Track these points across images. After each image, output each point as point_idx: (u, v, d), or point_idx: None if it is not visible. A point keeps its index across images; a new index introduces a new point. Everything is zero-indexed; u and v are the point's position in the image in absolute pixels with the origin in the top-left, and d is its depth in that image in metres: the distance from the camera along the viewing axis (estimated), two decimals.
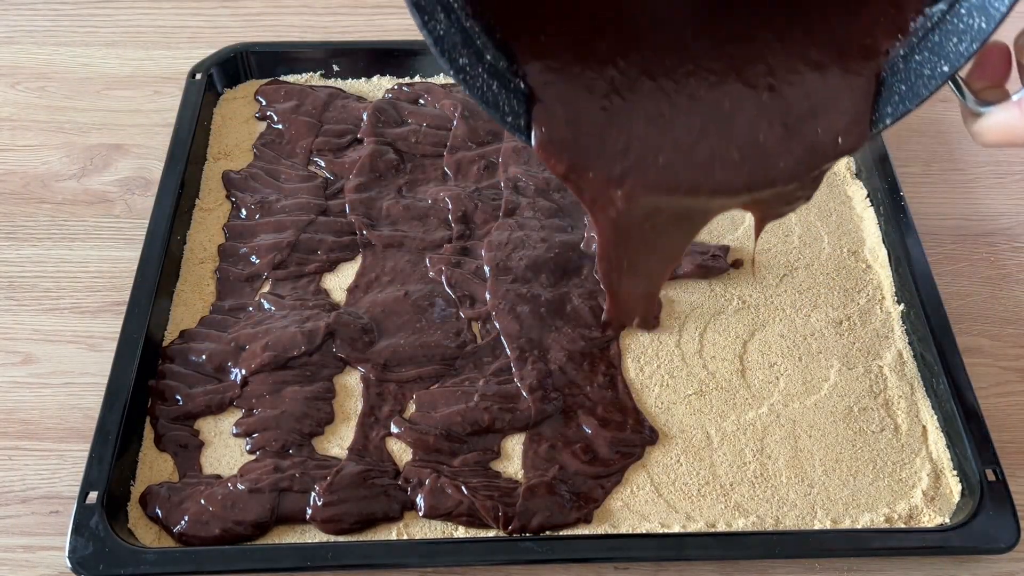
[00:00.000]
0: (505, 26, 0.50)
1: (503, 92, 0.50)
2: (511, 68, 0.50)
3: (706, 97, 0.52)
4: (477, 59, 0.50)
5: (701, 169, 0.52)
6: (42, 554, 0.61)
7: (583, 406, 0.67)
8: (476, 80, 0.50)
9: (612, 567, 0.61)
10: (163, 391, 0.67)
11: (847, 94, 0.52)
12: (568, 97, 0.51)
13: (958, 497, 0.63)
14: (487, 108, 0.50)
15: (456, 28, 0.48)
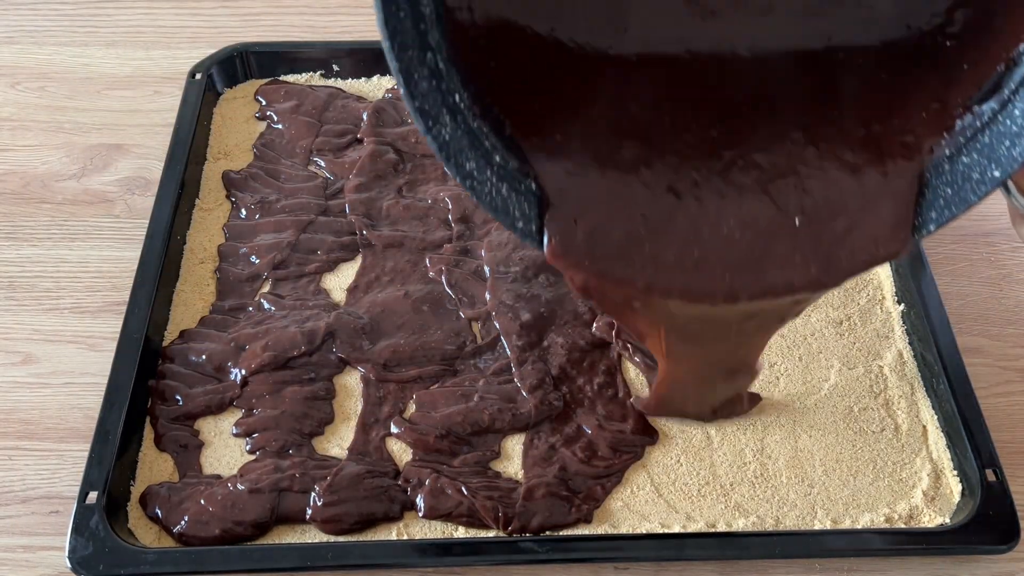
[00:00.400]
0: (516, 125, 0.47)
1: (512, 195, 0.48)
2: (521, 169, 0.48)
3: (733, 200, 0.48)
4: (485, 162, 0.47)
5: (728, 278, 0.48)
6: (42, 554, 0.61)
7: (583, 406, 0.67)
8: (484, 185, 0.47)
9: (612, 567, 0.61)
10: (163, 391, 0.67)
11: (887, 197, 0.48)
12: (583, 201, 0.48)
13: (958, 497, 0.63)
14: (496, 215, 0.48)
15: (463, 130, 0.46)
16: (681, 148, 0.49)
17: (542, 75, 0.48)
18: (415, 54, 0.44)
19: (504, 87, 0.47)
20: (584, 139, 0.48)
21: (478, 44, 0.46)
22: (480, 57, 0.46)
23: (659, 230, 0.48)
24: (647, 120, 0.49)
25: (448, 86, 0.45)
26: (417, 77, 0.44)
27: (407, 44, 0.43)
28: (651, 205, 0.48)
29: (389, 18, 0.42)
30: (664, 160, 0.49)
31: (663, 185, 0.48)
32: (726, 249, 0.48)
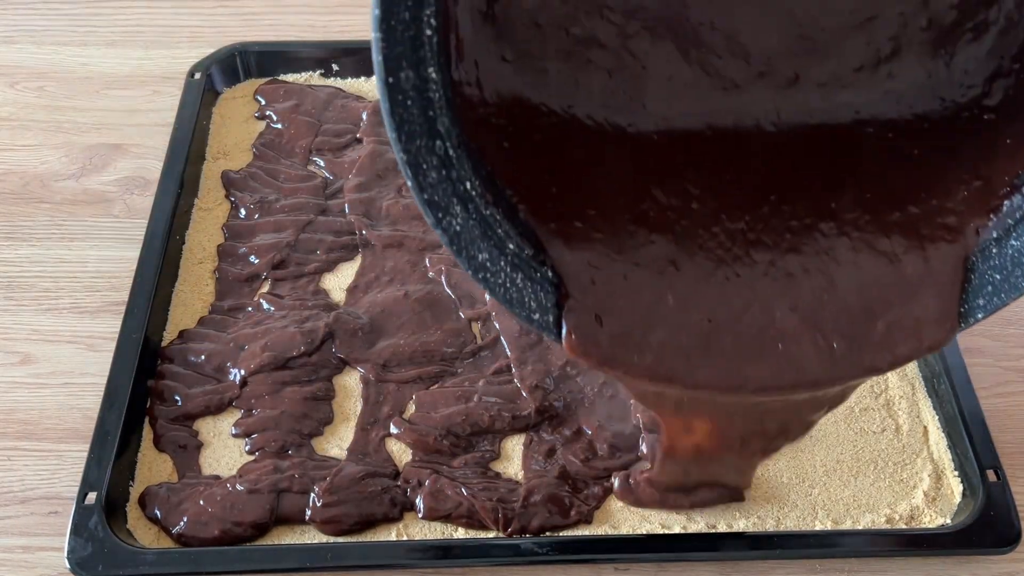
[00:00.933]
0: (531, 209, 0.45)
1: (528, 285, 0.45)
2: (536, 256, 0.45)
3: (762, 289, 0.46)
4: (499, 251, 0.45)
5: (757, 370, 0.46)
6: (41, 555, 0.61)
7: (583, 406, 0.67)
8: (498, 277, 0.45)
9: (612, 567, 0.61)
10: (162, 391, 0.67)
11: (928, 285, 0.45)
12: (602, 290, 0.45)
13: (959, 498, 0.62)
14: (511, 308, 0.45)
15: (475, 219, 0.43)
16: (704, 233, 0.46)
17: (557, 156, 0.45)
18: (423, 143, 0.41)
19: (518, 170, 0.45)
20: (603, 224, 0.46)
21: (490, 125, 0.44)
22: (492, 139, 0.44)
23: (683, 324, 0.46)
24: (669, 204, 0.46)
25: (458, 174, 0.43)
26: (426, 167, 0.42)
27: (415, 133, 0.41)
28: (674, 297, 0.46)
29: (395, 107, 0.40)
30: (687, 247, 0.46)
31: (686, 275, 0.46)
32: (755, 342, 0.46)
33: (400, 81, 0.40)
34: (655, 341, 0.45)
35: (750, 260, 0.46)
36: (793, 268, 0.46)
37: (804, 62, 0.46)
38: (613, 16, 0.44)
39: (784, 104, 0.46)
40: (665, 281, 0.45)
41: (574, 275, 0.45)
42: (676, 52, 0.45)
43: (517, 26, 0.43)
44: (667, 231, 0.46)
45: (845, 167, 0.47)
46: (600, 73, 0.45)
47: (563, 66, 0.45)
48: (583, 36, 0.44)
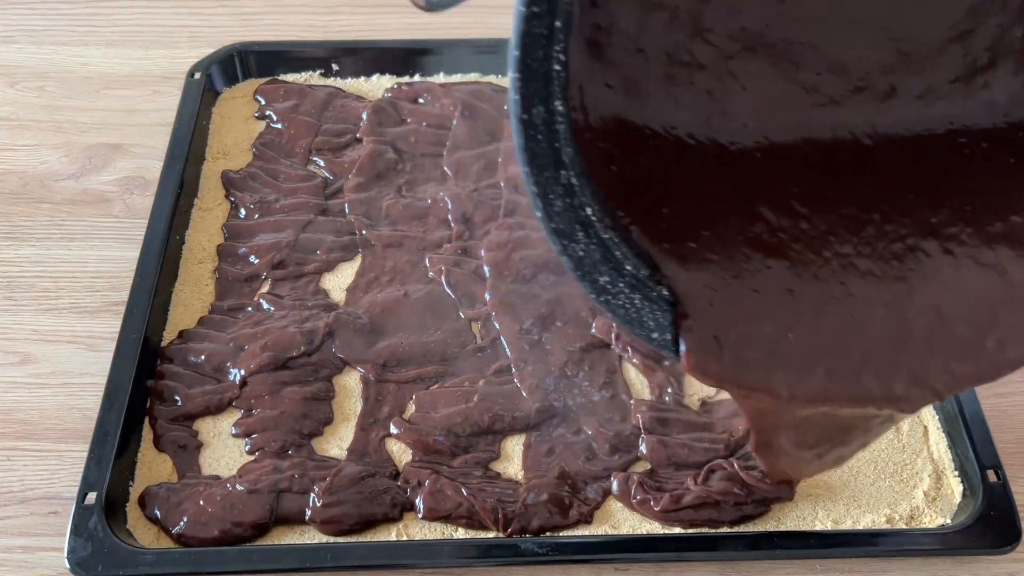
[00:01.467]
0: (645, 231, 0.47)
1: (646, 305, 0.47)
2: (652, 276, 0.47)
3: (872, 308, 0.47)
4: (617, 273, 0.47)
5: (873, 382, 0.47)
6: (41, 555, 0.61)
7: (583, 406, 0.67)
8: (618, 299, 0.47)
9: (612, 567, 0.61)
10: (162, 391, 0.67)
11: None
12: (718, 308, 0.47)
13: (959, 497, 0.62)
14: (631, 328, 0.48)
15: (595, 243, 0.46)
16: (814, 254, 0.47)
17: (663, 177, 0.47)
18: (551, 174, 0.44)
19: (627, 192, 0.46)
20: (715, 245, 0.47)
21: (598, 149, 0.45)
22: (601, 163, 0.46)
23: (798, 342, 0.47)
24: (778, 225, 0.48)
25: (580, 200, 0.45)
26: (552, 197, 0.44)
27: (544, 165, 0.44)
28: (788, 317, 0.47)
29: (528, 142, 0.43)
30: (799, 269, 0.47)
31: (799, 295, 0.47)
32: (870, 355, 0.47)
33: (532, 117, 0.43)
34: (772, 360, 0.47)
35: (859, 279, 0.47)
36: (901, 288, 0.47)
37: (901, 76, 0.47)
38: (714, 39, 0.46)
39: (880, 118, 0.48)
40: (779, 302, 0.47)
41: (690, 295, 0.47)
42: (775, 71, 0.47)
43: (621, 53, 0.45)
44: (778, 253, 0.47)
45: (942, 180, 0.48)
46: (701, 95, 0.47)
47: (665, 89, 0.46)
48: (685, 59, 0.46)
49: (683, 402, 0.67)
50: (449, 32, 0.97)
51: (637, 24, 0.45)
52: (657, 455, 0.64)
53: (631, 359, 0.69)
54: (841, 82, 0.47)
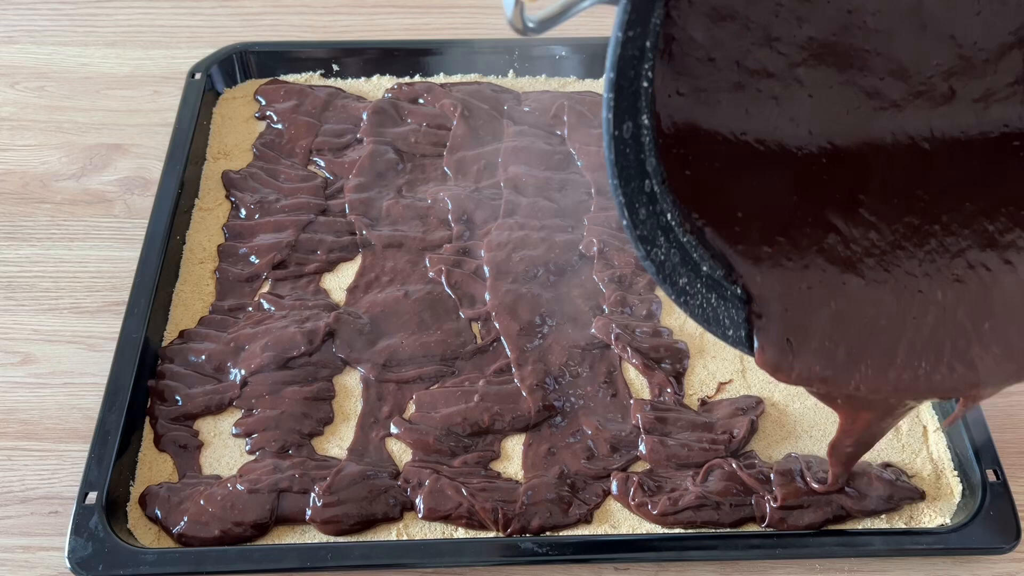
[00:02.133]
0: (721, 233, 0.50)
1: (721, 304, 0.51)
2: (727, 276, 0.51)
3: (935, 313, 0.50)
4: (695, 275, 0.51)
5: (935, 373, 0.50)
6: (41, 554, 0.61)
7: (583, 406, 0.67)
8: (695, 298, 0.51)
9: (612, 567, 0.61)
10: (162, 391, 0.67)
11: None
12: (789, 303, 0.50)
13: (959, 497, 0.63)
14: (708, 326, 0.51)
15: (675, 247, 0.50)
16: (883, 260, 0.51)
17: (735, 180, 0.50)
18: (636, 184, 0.48)
19: (701, 195, 0.50)
20: (784, 244, 0.50)
21: (672, 155, 0.49)
22: (676, 168, 0.49)
23: (870, 342, 0.50)
24: (847, 231, 0.51)
25: (661, 207, 0.49)
26: (637, 205, 0.48)
27: (631, 176, 0.47)
28: (859, 319, 0.50)
29: (619, 157, 0.46)
30: (870, 274, 0.50)
31: (870, 299, 0.50)
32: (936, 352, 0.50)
33: (623, 132, 0.46)
34: (843, 357, 0.50)
35: (926, 287, 0.50)
36: (959, 293, 0.50)
37: (961, 79, 0.50)
38: (782, 47, 0.49)
39: (939, 122, 0.50)
40: (850, 305, 0.50)
41: (763, 294, 0.50)
42: (839, 77, 0.50)
43: (692, 62, 0.48)
44: (847, 257, 0.50)
45: (998, 185, 0.51)
46: (768, 101, 0.49)
47: (734, 96, 0.49)
48: (753, 67, 0.49)
49: (683, 402, 0.67)
50: (449, 32, 0.97)
51: (708, 34, 0.48)
52: (656, 455, 0.64)
53: (631, 359, 0.69)
54: (903, 86, 0.50)
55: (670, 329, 0.71)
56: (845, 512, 0.61)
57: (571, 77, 0.90)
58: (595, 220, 0.77)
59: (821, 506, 0.61)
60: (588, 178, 0.81)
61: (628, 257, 0.75)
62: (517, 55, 0.90)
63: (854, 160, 0.50)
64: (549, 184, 0.80)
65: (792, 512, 0.61)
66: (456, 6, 1.00)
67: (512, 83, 0.90)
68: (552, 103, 0.86)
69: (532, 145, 0.83)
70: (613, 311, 0.72)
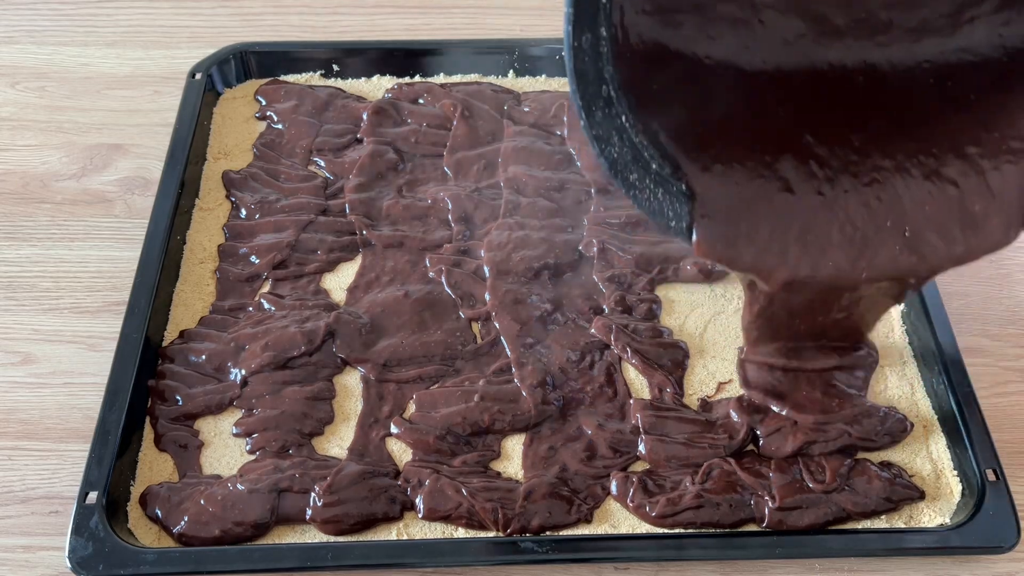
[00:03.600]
0: (670, 136, 0.56)
1: (667, 198, 0.57)
2: (674, 173, 0.57)
3: (865, 190, 0.57)
4: (645, 172, 0.57)
5: (856, 260, 0.57)
6: (42, 554, 0.61)
7: (583, 406, 0.67)
8: (644, 192, 0.57)
9: (612, 567, 0.61)
10: (163, 391, 0.67)
11: (1002, 188, 0.56)
12: (728, 193, 0.57)
13: (958, 497, 0.63)
14: (653, 217, 0.58)
15: (628, 147, 0.56)
16: (813, 153, 0.57)
17: (691, 93, 0.56)
18: (594, 89, 0.54)
19: (660, 105, 0.56)
20: (728, 150, 0.57)
21: (639, 70, 0.55)
22: (642, 81, 0.55)
23: (797, 232, 0.57)
24: (783, 131, 0.57)
25: (617, 111, 0.55)
26: (594, 108, 0.54)
27: (589, 82, 0.54)
28: (786, 212, 0.57)
29: (576, 64, 0.53)
30: (797, 165, 0.57)
31: (800, 196, 0.57)
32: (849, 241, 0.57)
33: (582, 43, 0.53)
34: (769, 245, 0.57)
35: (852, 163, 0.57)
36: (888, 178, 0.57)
37: (898, 10, 0.55)
38: None
39: (875, 52, 0.56)
40: (783, 203, 0.57)
41: (704, 191, 0.57)
42: (791, 4, 0.55)
43: None
44: (778, 151, 0.57)
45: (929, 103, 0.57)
46: (724, 24, 0.55)
47: (694, 18, 0.55)
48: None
49: (683, 402, 0.67)
50: (449, 32, 0.97)
51: None
52: (656, 455, 0.64)
53: (631, 359, 0.69)
54: (845, 13, 0.55)
55: (670, 329, 0.71)
56: (845, 512, 0.61)
57: None
58: (595, 220, 0.77)
59: (821, 506, 0.61)
60: (588, 178, 0.81)
61: (628, 257, 0.75)
62: (517, 55, 0.90)
63: (799, 84, 0.56)
64: (549, 184, 0.80)
65: (791, 512, 0.61)
66: (456, 6, 1.00)
67: (512, 83, 0.90)
68: (552, 103, 0.86)
69: (532, 145, 0.83)
70: (613, 311, 0.72)
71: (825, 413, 0.64)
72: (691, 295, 0.74)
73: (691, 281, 0.74)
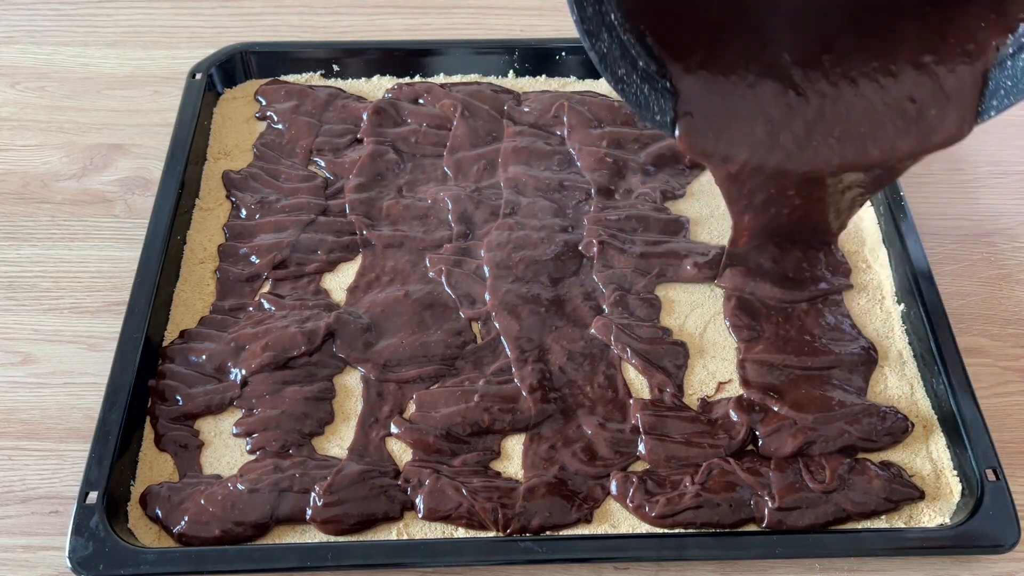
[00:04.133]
0: (656, 35, 0.60)
1: (652, 94, 0.61)
2: (659, 71, 0.60)
3: (830, 91, 0.62)
4: (632, 68, 0.60)
5: (826, 153, 0.62)
6: (42, 554, 0.61)
7: (583, 406, 0.67)
8: (631, 87, 0.60)
9: (612, 567, 0.61)
10: (163, 391, 0.67)
11: (957, 88, 0.61)
12: (708, 92, 0.61)
13: (958, 497, 0.63)
14: (639, 110, 0.61)
15: (616, 43, 0.59)
16: (783, 48, 0.62)
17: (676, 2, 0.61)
18: None
19: (647, 5, 0.59)
20: (710, 50, 0.61)
21: None
22: None
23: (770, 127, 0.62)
24: (760, 38, 0.62)
25: (606, 7, 0.58)
26: (585, 5, 0.57)
27: None
28: (759, 106, 0.62)
29: None
30: (770, 64, 0.62)
31: (771, 85, 0.62)
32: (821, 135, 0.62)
33: None
34: (745, 137, 0.62)
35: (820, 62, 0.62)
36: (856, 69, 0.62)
37: None
38: None
39: None
40: (755, 100, 0.62)
41: (687, 89, 0.61)
42: None
43: None
44: (756, 44, 0.62)
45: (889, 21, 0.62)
46: None
47: None
48: None
49: (683, 402, 0.67)
50: (449, 32, 0.97)
51: None
52: (656, 455, 0.64)
53: (631, 359, 0.69)
54: None
55: (670, 329, 0.71)
56: (845, 512, 0.61)
57: (571, 77, 0.90)
58: (595, 220, 0.77)
59: (821, 506, 0.61)
60: (588, 178, 0.81)
61: (628, 257, 0.75)
62: (517, 55, 0.90)
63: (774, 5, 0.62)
64: (549, 184, 0.80)
65: (791, 513, 0.61)
66: (456, 6, 1.00)
67: (512, 83, 0.90)
68: (552, 103, 0.86)
69: (532, 145, 0.83)
70: (613, 311, 0.72)
71: (825, 412, 0.65)
72: (691, 295, 0.74)
73: (691, 281, 0.74)
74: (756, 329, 0.70)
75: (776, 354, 0.68)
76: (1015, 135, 0.88)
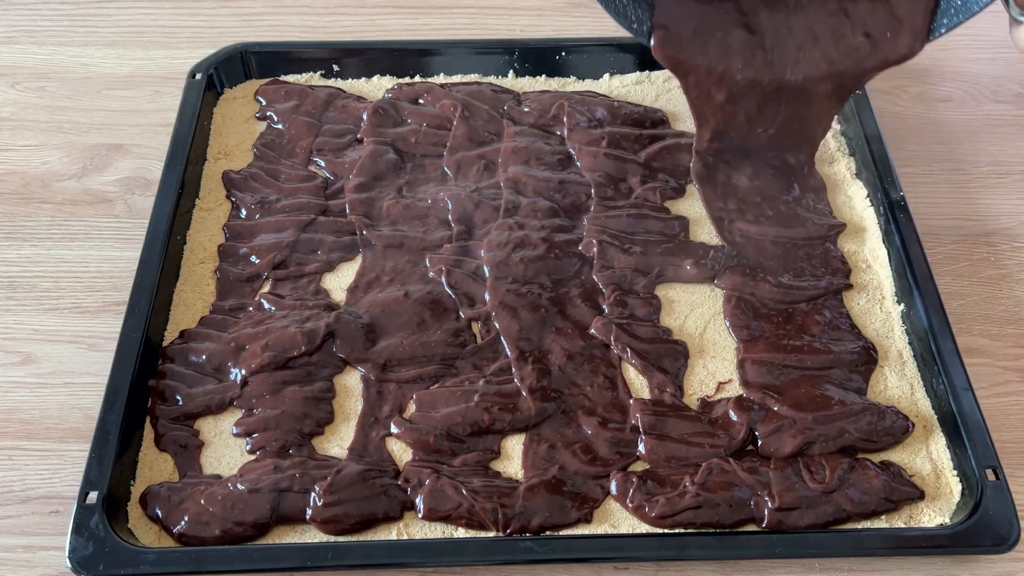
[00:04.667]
0: None
1: (631, 4, 0.68)
2: None
3: (796, 5, 0.69)
4: None
5: (790, 63, 0.70)
6: (42, 554, 0.61)
7: (583, 406, 0.67)
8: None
9: (612, 567, 0.61)
10: (163, 391, 0.67)
11: (909, 7, 0.68)
12: (680, 9, 0.68)
13: (958, 497, 0.63)
14: (618, 19, 0.68)
15: None
16: None
17: None
18: None
19: None
20: None
21: None
22: None
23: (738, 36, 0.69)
24: None
25: None
26: None
27: None
28: (726, 20, 0.69)
29: None
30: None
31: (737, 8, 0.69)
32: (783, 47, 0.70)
33: None
34: (714, 45, 0.70)
35: (783, 14, 0.70)
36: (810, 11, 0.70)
37: None
38: None
39: None
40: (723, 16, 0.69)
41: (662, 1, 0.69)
42: None
43: None
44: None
45: None
46: None
47: None
48: None
49: (682, 402, 0.67)
50: (449, 32, 0.97)
51: None
52: (656, 455, 0.64)
53: (631, 359, 0.69)
54: None
55: (670, 329, 0.71)
56: (845, 512, 0.61)
57: (571, 77, 0.90)
58: (595, 220, 0.77)
59: (820, 506, 0.61)
60: (588, 178, 0.81)
61: (628, 257, 0.75)
62: (517, 55, 0.90)
63: None
64: (549, 184, 0.80)
65: (791, 513, 0.61)
66: (456, 6, 1.00)
67: (512, 83, 0.90)
68: (552, 103, 0.86)
69: (532, 145, 0.83)
70: (613, 311, 0.72)
71: (825, 412, 0.65)
72: (691, 295, 0.74)
73: (691, 281, 0.74)
74: (756, 329, 0.70)
75: (776, 354, 0.69)
76: (1015, 135, 0.88)
